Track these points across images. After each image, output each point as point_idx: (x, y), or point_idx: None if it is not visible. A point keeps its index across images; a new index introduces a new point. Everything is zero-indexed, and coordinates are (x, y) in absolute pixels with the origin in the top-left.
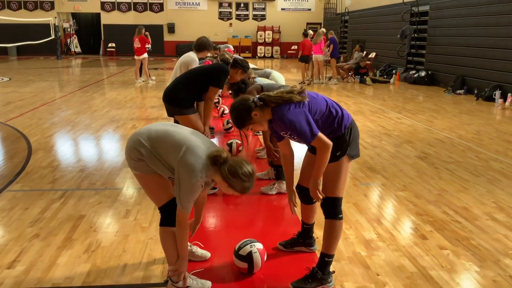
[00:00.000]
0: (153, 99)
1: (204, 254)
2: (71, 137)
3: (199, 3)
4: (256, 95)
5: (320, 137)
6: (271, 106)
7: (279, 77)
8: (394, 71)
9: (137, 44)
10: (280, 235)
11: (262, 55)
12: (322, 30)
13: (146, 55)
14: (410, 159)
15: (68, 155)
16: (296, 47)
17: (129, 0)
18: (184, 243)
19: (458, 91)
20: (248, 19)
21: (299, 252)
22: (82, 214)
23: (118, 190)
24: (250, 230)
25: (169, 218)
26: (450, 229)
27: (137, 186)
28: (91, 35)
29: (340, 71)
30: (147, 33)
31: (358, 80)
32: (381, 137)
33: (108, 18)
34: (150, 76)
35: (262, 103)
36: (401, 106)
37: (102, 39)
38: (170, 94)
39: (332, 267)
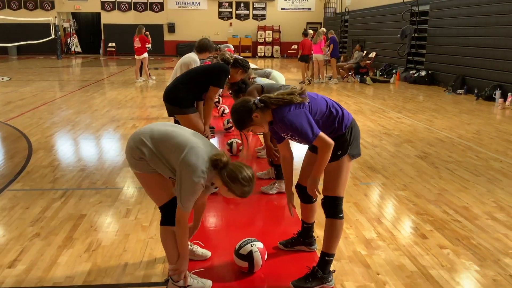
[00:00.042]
0: (153, 99)
1: (205, 253)
2: (71, 136)
3: (199, 3)
4: (256, 95)
5: (322, 136)
6: (272, 108)
7: (279, 76)
8: (394, 71)
9: (137, 44)
10: (280, 234)
11: (262, 54)
12: (322, 30)
13: (146, 54)
14: (410, 158)
15: (68, 154)
16: (296, 46)
17: (129, 0)
18: (184, 242)
19: (458, 91)
20: (248, 18)
21: (300, 252)
22: (82, 213)
23: (118, 189)
24: (251, 230)
25: (169, 218)
26: (450, 228)
27: (137, 185)
28: (91, 35)
29: (340, 70)
30: (147, 32)
31: (358, 79)
32: (381, 136)
33: (108, 18)
34: (150, 75)
35: (263, 105)
36: (401, 105)
37: (102, 38)
38: (171, 93)
39: (332, 266)
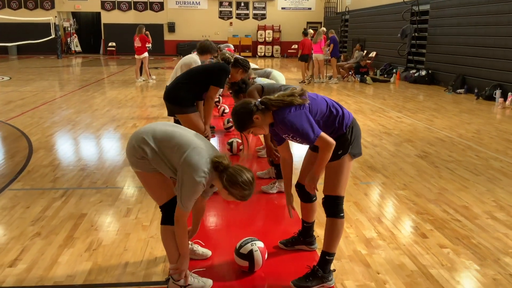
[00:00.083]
0: (153, 98)
1: (205, 253)
2: (71, 136)
3: (199, 2)
4: (256, 95)
5: (323, 136)
6: (272, 110)
7: (280, 76)
8: (394, 70)
9: (137, 43)
10: (280, 233)
11: (263, 54)
12: (322, 29)
13: (146, 54)
14: (410, 158)
15: (69, 154)
16: (296, 46)
17: None
18: (184, 241)
19: (459, 90)
20: (249, 18)
21: (300, 251)
22: (83, 212)
23: (119, 188)
24: (251, 229)
25: (170, 217)
26: (450, 227)
27: (138, 184)
28: (92, 34)
29: (341, 70)
30: (147, 32)
31: (359, 79)
32: (381, 136)
33: (108, 17)
34: (150, 75)
35: (263, 107)
36: (401, 105)
37: (103, 38)
38: (171, 93)
39: (332, 265)
